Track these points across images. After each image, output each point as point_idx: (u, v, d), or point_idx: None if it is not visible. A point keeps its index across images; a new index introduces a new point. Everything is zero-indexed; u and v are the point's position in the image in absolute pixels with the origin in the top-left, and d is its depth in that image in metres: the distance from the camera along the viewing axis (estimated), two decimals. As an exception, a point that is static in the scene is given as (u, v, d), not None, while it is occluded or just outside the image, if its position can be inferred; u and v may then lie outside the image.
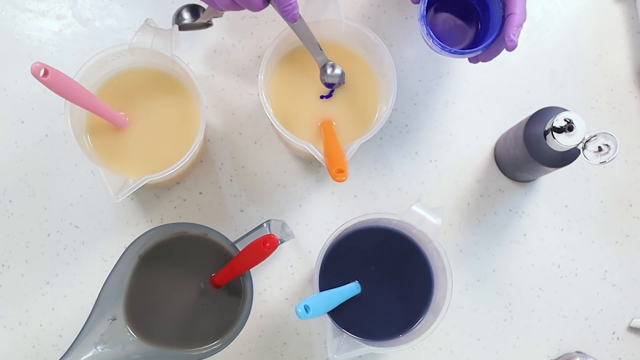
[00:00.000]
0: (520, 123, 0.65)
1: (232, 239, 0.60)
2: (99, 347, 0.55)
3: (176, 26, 0.63)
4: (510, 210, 0.71)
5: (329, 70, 0.62)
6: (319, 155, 0.59)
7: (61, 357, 0.53)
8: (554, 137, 0.56)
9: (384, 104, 0.63)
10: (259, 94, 0.61)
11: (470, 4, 0.64)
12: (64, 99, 0.55)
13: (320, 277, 0.57)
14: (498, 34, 0.59)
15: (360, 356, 0.58)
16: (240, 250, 0.58)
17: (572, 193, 0.72)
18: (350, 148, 0.59)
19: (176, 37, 0.61)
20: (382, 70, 0.64)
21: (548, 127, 0.57)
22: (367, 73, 0.65)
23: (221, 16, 0.65)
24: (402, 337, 0.59)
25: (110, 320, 0.57)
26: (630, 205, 0.72)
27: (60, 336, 0.66)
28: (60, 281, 0.67)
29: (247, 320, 0.58)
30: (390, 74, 0.62)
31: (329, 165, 0.56)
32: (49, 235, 0.68)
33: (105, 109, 0.59)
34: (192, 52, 0.71)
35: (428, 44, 0.61)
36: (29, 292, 0.67)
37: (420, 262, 0.60)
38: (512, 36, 0.57)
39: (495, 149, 0.72)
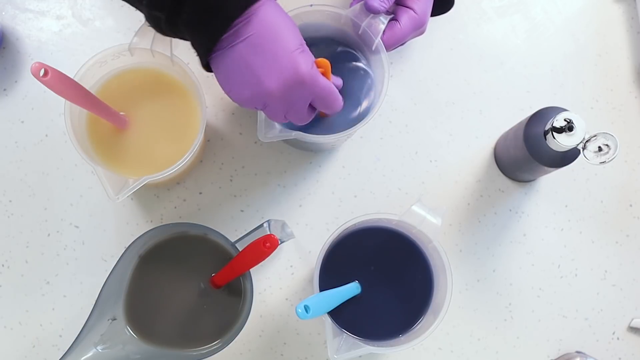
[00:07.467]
0: (520, 123, 0.65)
1: (232, 239, 0.60)
2: (99, 347, 0.55)
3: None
4: (510, 210, 0.71)
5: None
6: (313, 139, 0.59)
7: (61, 357, 0.53)
8: (554, 137, 0.56)
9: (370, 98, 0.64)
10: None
11: None
12: (64, 99, 0.55)
13: (320, 277, 0.57)
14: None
15: (360, 356, 0.58)
16: (240, 250, 0.58)
17: (572, 193, 0.72)
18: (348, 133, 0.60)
19: (176, 37, 0.61)
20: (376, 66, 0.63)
21: (548, 127, 0.57)
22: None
23: None
24: (402, 337, 0.59)
25: (110, 320, 0.57)
26: (630, 205, 0.72)
27: (60, 336, 0.66)
28: (60, 281, 0.67)
29: (247, 320, 0.58)
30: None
31: None
32: (49, 235, 0.68)
33: (105, 109, 0.59)
34: (192, 52, 0.71)
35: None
36: (29, 292, 0.67)
37: (420, 262, 0.60)
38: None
39: (495, 149, 0.72)
